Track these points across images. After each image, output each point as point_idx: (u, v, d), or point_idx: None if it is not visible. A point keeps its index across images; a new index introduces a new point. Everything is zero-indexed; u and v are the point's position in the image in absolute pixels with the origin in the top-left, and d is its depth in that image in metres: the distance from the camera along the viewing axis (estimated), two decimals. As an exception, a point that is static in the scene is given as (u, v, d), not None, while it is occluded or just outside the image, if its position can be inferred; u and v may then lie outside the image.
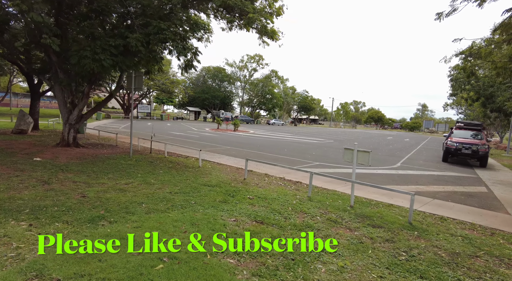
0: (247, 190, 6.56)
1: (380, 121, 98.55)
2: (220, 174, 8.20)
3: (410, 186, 8.67)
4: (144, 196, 5.47)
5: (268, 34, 9.26)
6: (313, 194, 6.73)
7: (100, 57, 8.25)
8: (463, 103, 37.40)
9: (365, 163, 5.71)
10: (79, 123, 11.42)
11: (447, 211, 6.33)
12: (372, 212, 5.62)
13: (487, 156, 14.11)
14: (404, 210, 6.04)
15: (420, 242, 4.33)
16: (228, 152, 13.33)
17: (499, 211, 6.73)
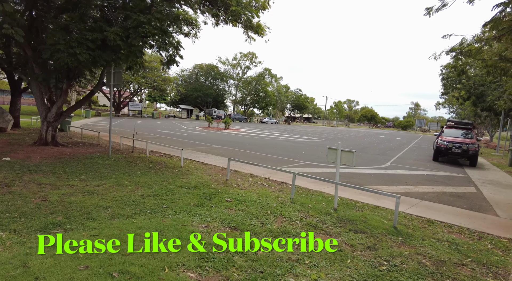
0: (227, 192, 6.22)
1: (373, 120, 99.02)
2: (202, 175, 7.85)
3: (399, 187, 8.44)
4: (112, 199, 5.09)
5: (253, 29, 8.90)
6: (297, 196, 6.43)
7: (75, 51, 7.80)
8: (454, 102, 37.57)
9: (349, 163, 5.41)
10: (58, 121, 10.93)
11: (435, 213, 6.09)
12: (356, 216, 5.33)
13: (477, 155, 14.00)
14: (390, 213, 5.77)
15: (404, 249, 4.05)
16: (216, 151, 12.97)
17: (487, 212, 6.51)
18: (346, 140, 26.06)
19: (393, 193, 7.92)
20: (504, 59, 12.17)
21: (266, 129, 35.40)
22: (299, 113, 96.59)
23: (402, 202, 6.78)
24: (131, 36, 8.38)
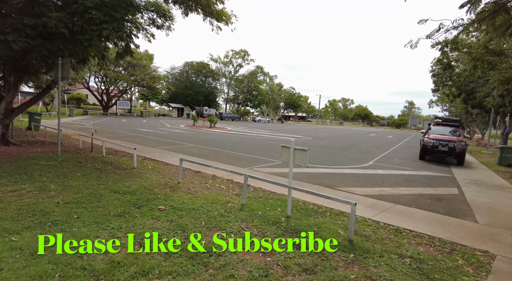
0: (168, 198, 5.41)
1: (367, 118, 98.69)
2: (154, 177, 7.02)
3: (374, 188, 7.68)
4: (15, 208, 4.25)
5: (213, 15, 8.07)
6: (253, 201, 5.64)
7: (8, 38, 6.91)
8: (446, 100, 37.04)
9: (302, 164, 4.63)
10: (9, 118, 10.01)
11: (407, 220, 5.33)
12: (309, 225, 4.55)
13: (464, 154, 13.33)
14: (356, 221, 5.00)
15: (350, 272, 3.27)
16: (188, 151, 12.14)
17: (466, 218, 5.77)
18: (334, 138, 25.34)
19: (367, 195, 7.19)
20: (490, 52, 11.48)
21: (255, 128, 34.59)
22: (294, 112, 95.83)
23: (372, 207, 6.02)
24: (76, 23, 7.52)
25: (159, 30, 14.17)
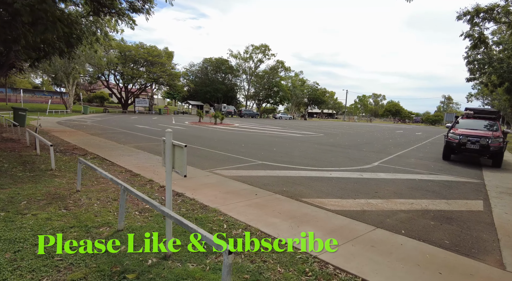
0: (16, 217, 3.81)
1: (399, 115, 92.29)
2: (57, 182, 5.51)
3: (358, 200, 5.58)
4: None
5: None
6: (140, 221, 3.89)
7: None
8: (486, 91, 32.45)
9: (179, 169, 2.79)
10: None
11: (379, 262, 3.29)
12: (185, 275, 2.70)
13: (502, 153, 10.53)
14: (291, 261, 3.07)
15: None
16: (160, 148, 10.63)
17: (484, 256, 3.58)
18: (351, 135, 22.72)
19: (342, 211, 5.05)
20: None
21: (267, 125, 32.63)
22: (319, 109, 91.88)
23: (335, 233, 4.00)
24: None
25: (137, 13, 13.01)
